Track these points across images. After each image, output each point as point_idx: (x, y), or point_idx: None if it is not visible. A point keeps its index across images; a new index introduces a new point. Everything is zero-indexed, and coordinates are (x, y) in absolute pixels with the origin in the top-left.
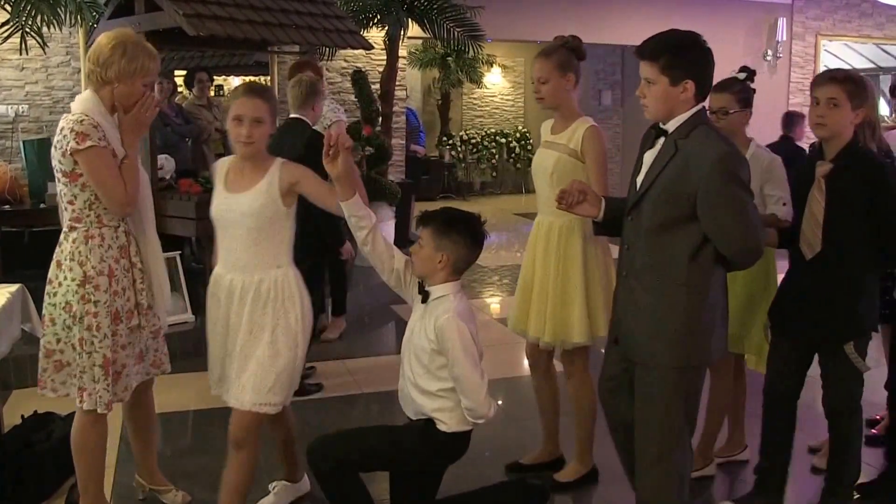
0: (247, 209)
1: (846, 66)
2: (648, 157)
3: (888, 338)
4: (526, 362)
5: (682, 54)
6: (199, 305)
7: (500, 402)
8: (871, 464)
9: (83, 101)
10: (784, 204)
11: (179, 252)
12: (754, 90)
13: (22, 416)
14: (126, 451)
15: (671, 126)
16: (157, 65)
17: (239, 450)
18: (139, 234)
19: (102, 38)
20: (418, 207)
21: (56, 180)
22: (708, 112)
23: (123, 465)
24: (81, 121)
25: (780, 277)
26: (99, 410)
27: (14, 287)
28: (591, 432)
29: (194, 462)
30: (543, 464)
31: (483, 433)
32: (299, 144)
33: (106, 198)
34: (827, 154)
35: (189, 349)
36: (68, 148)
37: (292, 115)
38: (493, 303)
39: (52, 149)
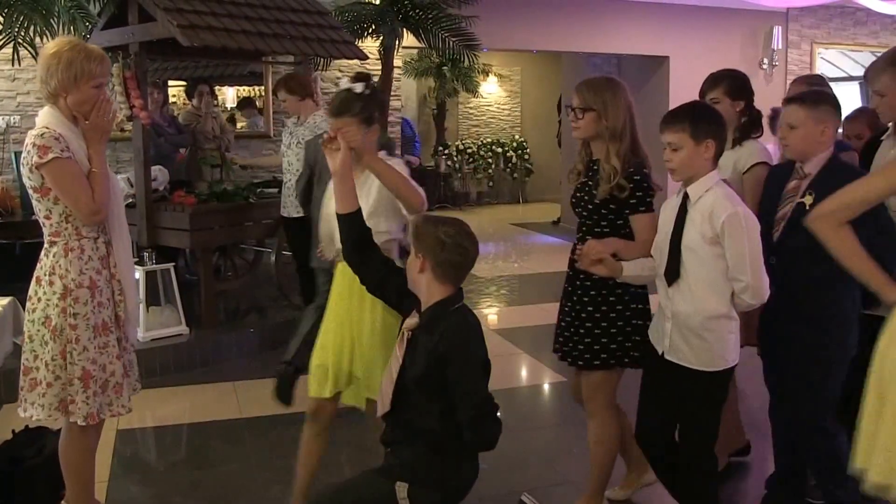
0: None
1: (842, 74)
2: None
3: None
4: (524, 372)
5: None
6: (193, 317)
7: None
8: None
9: (44, 115)
10: None
11: (174, 264)
12: (378, 95)
13: (13, 431)
14: (118, 467)
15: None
16: (100, 66)
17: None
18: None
19: (42, 52)
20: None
21: (30, 197)
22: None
23: (116, 480)
24: (42, 134)
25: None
26: (79, 423)
27: (6, 300)
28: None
29: (189, 477)
30: None
31: None
32: None
33: (74, 208)
34: None
35: (183, 362)
36: (33, 163)
37: None
38: (490, 314)
39: (21, 166)
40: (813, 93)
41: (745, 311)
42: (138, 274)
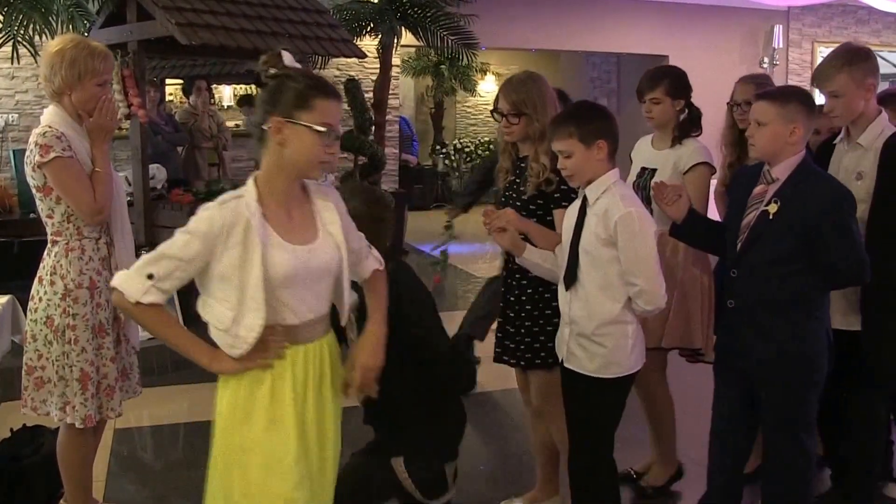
0: None
1: None
2: None
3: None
4: None
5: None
6: (190, 317)
7: (494, 415)
8: None
9: (48, 114)
10: None
11: None
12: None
13: (11, 430)
14: (115, 465)
15: None
16: (104, 63)
17: None
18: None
19: (46, 49)
20: (411, 217)
21: (34, 196)
22: None
23: (113, 479)
24: (45, 133)
25: None
26: (77, 425)
27: (4, 298)
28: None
29: (186, 476)
30: None
31: (478, 446)
32: None
33: (76, 207)
34: None
35: (180, 361)
36: (35, 162)
37: None
38: None
39: (25, 165)
40: (783, 88)
41: (643, 317)
42: None
